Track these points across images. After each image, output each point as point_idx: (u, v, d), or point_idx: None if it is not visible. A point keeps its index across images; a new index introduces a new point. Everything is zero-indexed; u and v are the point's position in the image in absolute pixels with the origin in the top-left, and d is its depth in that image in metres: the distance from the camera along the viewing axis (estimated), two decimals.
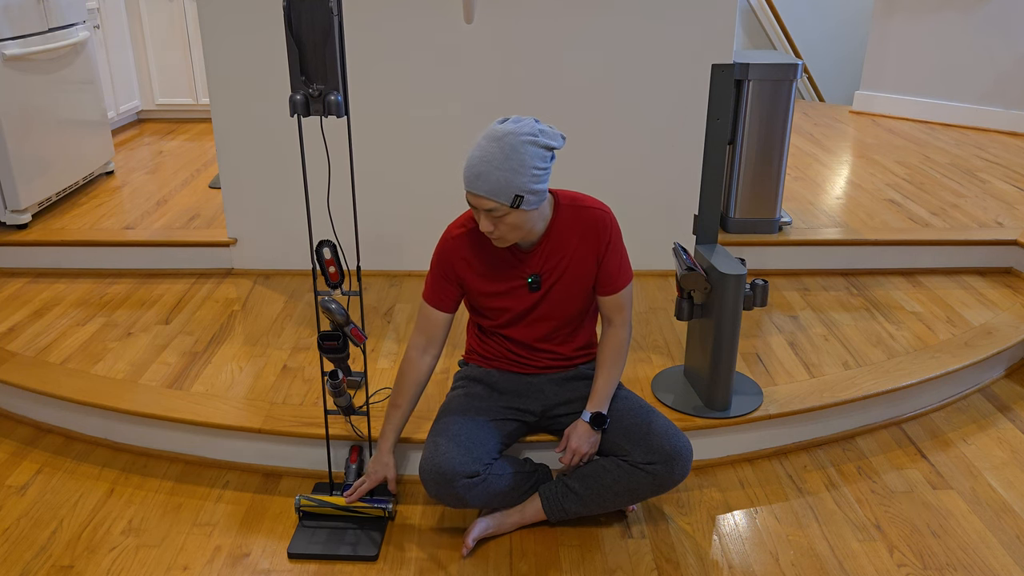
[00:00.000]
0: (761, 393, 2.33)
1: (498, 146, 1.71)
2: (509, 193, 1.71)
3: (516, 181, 1.71)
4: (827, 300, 2.99)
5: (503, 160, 1.70)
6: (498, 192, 1.71)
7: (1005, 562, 1.91)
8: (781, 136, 3.17)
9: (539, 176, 1.74)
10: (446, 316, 1.97)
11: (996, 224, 3.36)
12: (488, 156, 1.71)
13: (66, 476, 2.22)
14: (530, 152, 1.71)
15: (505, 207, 1.73)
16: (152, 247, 3.19)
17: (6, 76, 3.20)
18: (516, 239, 1.83)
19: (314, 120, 2.92)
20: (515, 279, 1.93)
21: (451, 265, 1.94)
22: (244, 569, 1.89)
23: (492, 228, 1.78)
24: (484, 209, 1.75)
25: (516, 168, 1.70)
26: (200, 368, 2.48)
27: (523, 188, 1.72)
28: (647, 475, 1.89)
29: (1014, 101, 4.91)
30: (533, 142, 1.72)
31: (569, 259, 1.91)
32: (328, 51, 1.69)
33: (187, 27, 5.12)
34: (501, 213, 1.75)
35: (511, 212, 1.75)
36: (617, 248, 1.94)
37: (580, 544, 1.97)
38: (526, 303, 1.95)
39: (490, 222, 1.77)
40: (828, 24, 6.83)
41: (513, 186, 1.71)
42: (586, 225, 1.91)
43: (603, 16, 2.86)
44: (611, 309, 1.98)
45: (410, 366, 1.98)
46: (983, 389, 2.66)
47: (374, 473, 1.98)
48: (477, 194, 1.73)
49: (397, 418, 1.99)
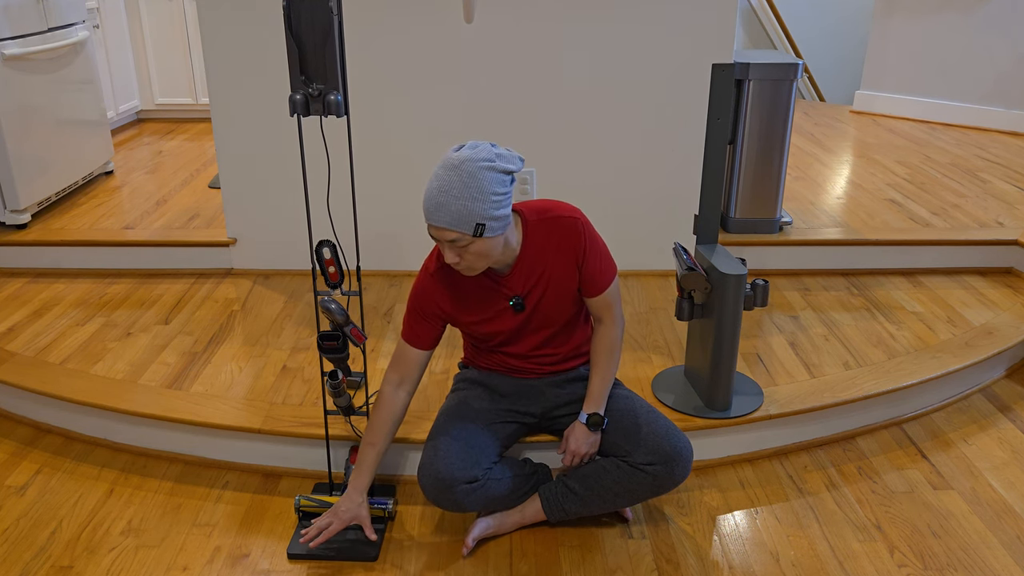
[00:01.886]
0: (761, 393, 2.33)
1: (456, 175, 1.67)
2: (470, 222, 1.67)
3: (476, 209, 1.67)
4: (827, 300, 2.98)
5: (462, 189, 1.66)
6: (459, 222, 1.67)
7: (1006, 562, 1.91)
8: (781, 136, 3.17)
9: (499, 202, 1.70)
10: (423, 354, 1.93)
11: (997, 224, 3.36)
12: (446, 186, 1.67)
13: (66, 476, 2.22)
14: (488, 178, 1.67)
15: (468, 236, 1.69)
16: (152, 247, 3.19)
17: (6, 76, 3.20)
18: (485, 266, 1.79)
19: (314, 120, 2.92)
20: (499, 303, 1.90)
21: (432, 302, 1.90)
22: (244, 569, 1.89)
23: (458, 259, 1.74)
24: (447, 240, 1.71)
25: (475, 196, 1.66)
26: (200, 368, 2.48)
27: (484, 216, 1.68)
28: (647, 476, 1.89)
29: (1014, 101, 4.91)
30: (491, 167, 1.68)
31: (549, 273, 1.88)
32: (328, 51, 1.69)
33: (187, 27, 5.12)
34: (464, 243, 1.70)
35: (474, 241, 1.71)
36: (595, 249, 1.89)
37: (580, 544, 1.97)
38: (515, 323, 1.93)
39: (455, 253, 1.73)
40: (828, 24, 6.83)
41: (474, 215, 1.67)
42: (559, 235, 1.86)
43: (603, 16, 2.86)
44: (600, 308, 1.96)
45: (384, 401, 1.92)
46: (984, 389, 2.66)
47: (344, 513, 1.87)
48: (438, 226, 1.69)
49: (372, 457, 1.90)
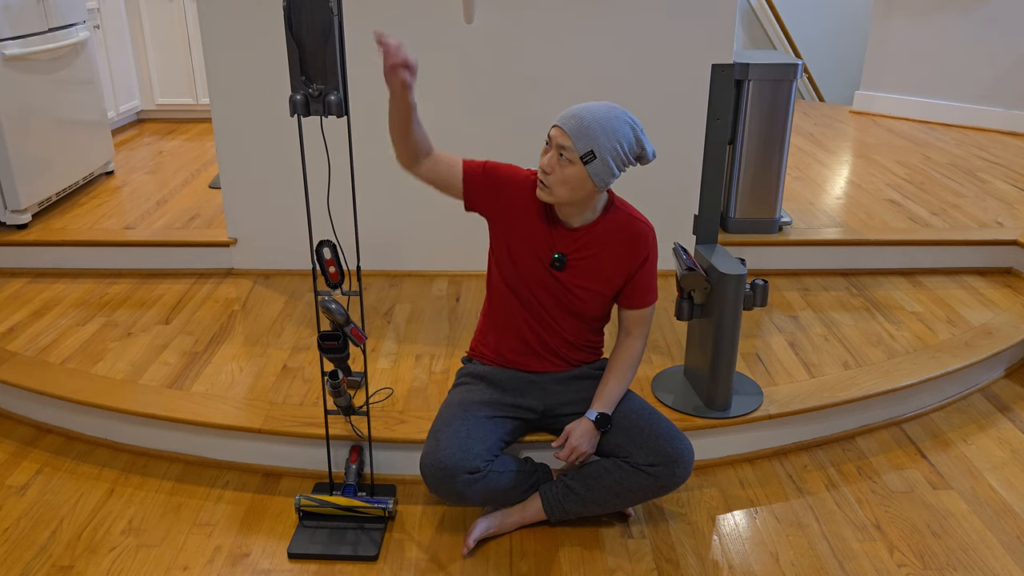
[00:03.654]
0: (761, 393, 2.33)
1: (605, 108, 1.80)
2: (587, 145, 1.77)
3: (600, 140, 1.77)
4: (827, 300, 2.99)
5: (602, 119, 1.78)
6: (580, 136, 1.77)
7: (1005, 562, 1.91)
8: (781, 136, 3.17)
9: (619, 156, 1.80)
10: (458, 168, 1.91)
11: (996, 224, 3.36)
12: (592, 109, 1.79)
13: (66, 476, 2.22)
14: (626, 132, 1.80)
15: (576, 155, 1.78)
16: (152, 247, 3.19)
17: (6, 76, 3.20)
18: (560, 198, 1.84)
19: (314, 120, 2.92)
20: (544, 250, 1.94)
21: (509, 184, 1.93)
22: (244, 569, 1.89)
23: (550, 170, 1.81)
24: (557, 144, 1.80)
25: (608, 131, 1.78)
26: (200, 368, 2.48)
27: (601, 150, 1.77)
28: (648, 477, 1.89)
29: (1014, 101, 4.91)
30: (633, 128, 1.81)
31: (601, 260, 1.94)
32: (328, 51, 1.69)
33: (187, 27, 5.12)
34: (569, 158, 1.79)
35: (576, 164, 1.79)
36: (652, 266, 1.99)
37: (580, 544, 1.97)
38: (543, 279, 1.95)
39: (554, 160, 1.81)
40: (828, 24, 6.83)
41: (595, 141, 1.77)
42: (630, 234, 1.95)
43: (603, 17, 2.86)
44: (633, 322, 2.02)
45: None
46: (983, 389, 2.66)
47: None
48: (562, 128, 1.79)
49: None
